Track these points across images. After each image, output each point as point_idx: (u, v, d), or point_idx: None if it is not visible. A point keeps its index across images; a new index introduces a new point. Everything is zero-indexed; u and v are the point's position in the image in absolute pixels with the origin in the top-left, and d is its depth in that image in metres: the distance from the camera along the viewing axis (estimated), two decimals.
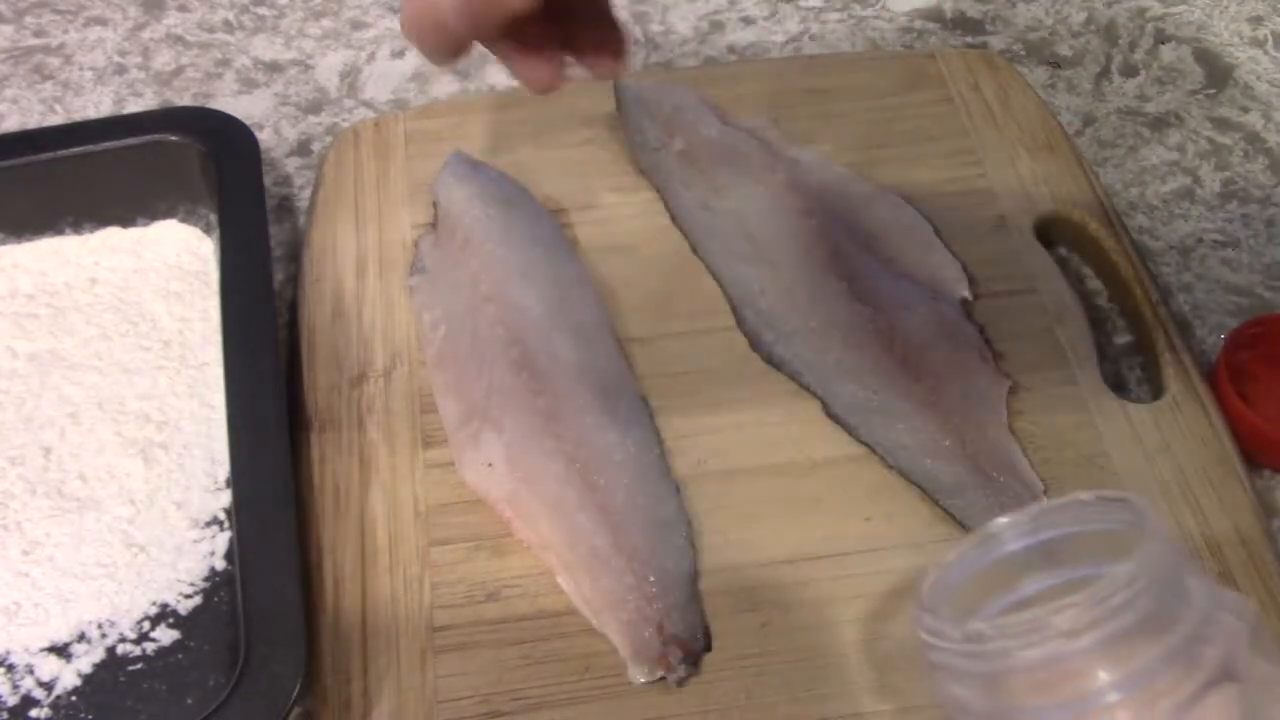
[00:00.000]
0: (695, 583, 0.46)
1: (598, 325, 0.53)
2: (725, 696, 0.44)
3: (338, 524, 0.48)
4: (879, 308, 0.52)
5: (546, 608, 0.46)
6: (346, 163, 0.59)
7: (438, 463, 0.50)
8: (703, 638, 0.45)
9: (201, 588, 0.47)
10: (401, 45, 0.68)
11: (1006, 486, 0.47)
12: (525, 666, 0.45)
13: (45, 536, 0.48)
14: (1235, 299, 0.57)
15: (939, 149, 0.59)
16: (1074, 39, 0.68)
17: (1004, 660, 0.26)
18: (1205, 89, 0.65)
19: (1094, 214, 0.56)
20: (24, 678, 0.45)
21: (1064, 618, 0.25)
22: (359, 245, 0.56)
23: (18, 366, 0.53)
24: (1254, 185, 0.61)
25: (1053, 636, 0.25)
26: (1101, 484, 0.48)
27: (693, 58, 0.67)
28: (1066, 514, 0.27)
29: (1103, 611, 0.25)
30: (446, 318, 0.53)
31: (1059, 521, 0.27)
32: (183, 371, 0.53)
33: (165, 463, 0.50)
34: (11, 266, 0.56)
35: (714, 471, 0.49)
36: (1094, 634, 0.25)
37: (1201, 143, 0.63)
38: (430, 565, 0.47)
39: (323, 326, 0.54)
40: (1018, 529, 0.31)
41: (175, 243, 0.57)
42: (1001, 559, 0.28)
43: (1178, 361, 0.52)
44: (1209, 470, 0.49)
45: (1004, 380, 0.51)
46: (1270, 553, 0.47)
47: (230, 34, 0.69)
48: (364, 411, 0.51)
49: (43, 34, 0.69)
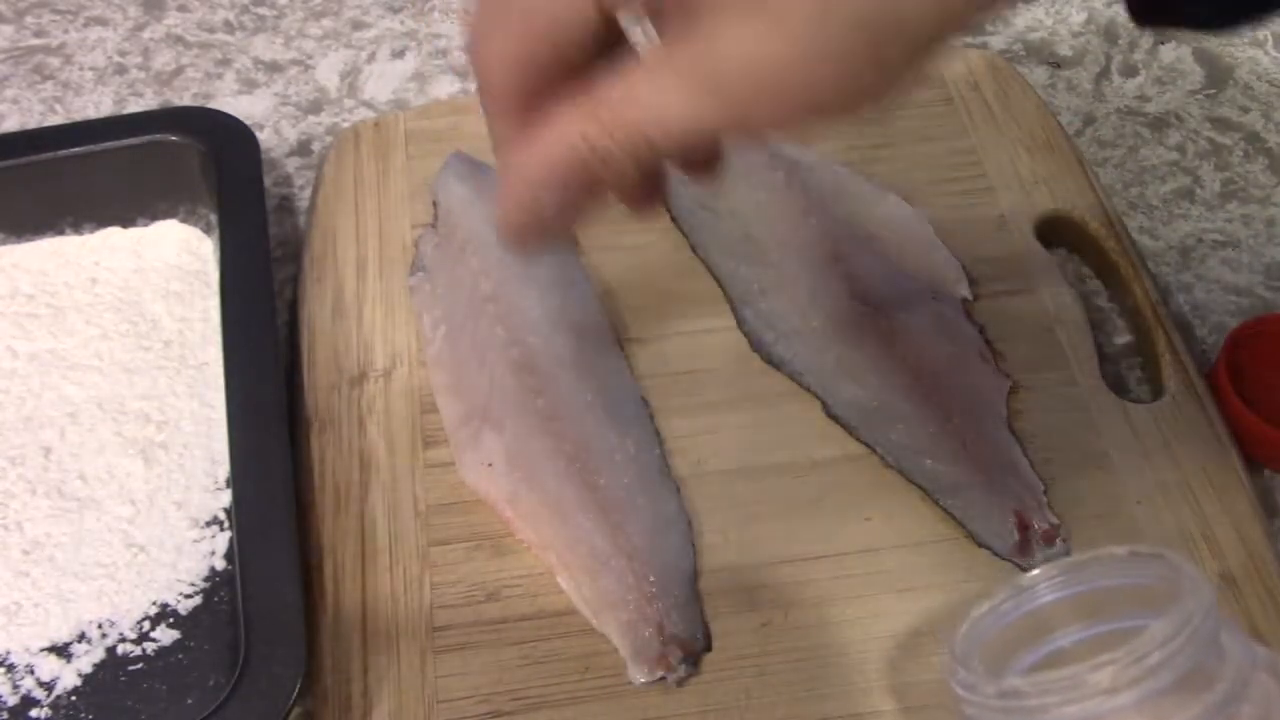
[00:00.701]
0: (695, 583, 0.46)
1: (598, 325, 0.53)
2: (725, 696, 0.44)
3: (338, 524, 0.48)
4: (879, 308, 0.52)
5: (546, 608, 0.46)
6: (346, 163, 0.59)
7: (438, 463, 0.50)
8: (703, 638, 0.45)
9: (201, 588, 0.47)
10: (401, 45, 0.68)
11: (1006, 486, 0.47)
12: (525, 666, 0.45)
13: (45, 536, 0.48)
14: (1235, 299, 0.57)
15: (939, 149, 0.59)
16: (1074, 39, 0.68)
17: (1041, 717, 0.26)
18: (1205, 89, 0.65)
19: (1094, 214, 0.56)
20: (24, 678, 0.45)
21: (1103, 675, 0.25)
22: (359, 245, 0.56)
23: (18, 366, 0.53)
24: (1254, 185, 0.61)
25: (1091, 694, 0.25)
26: (1101, 484, 0.48)
27: None
28: (1101, 568, 0.27)
29: (1141, 670, 0.25)
30: (446, 318, 0.53)
31: (1093, 575, 0.27)
32: (183, 371, 0.53)
33: (165, 463, 0.50)
34: (11, 266, 0.56)
35: (714, 471, 0.49)
36: (1132, 692, 0.25)
37: (1201, 143, 0.63)
38: (430, 565, 0.47)
39: (323, 326, 0.54)
40: (1051, 582, 0.31)
41: (175, 243, 0.57)
42: (1034, 611, 0.28)
43: (1178, 361, 0.52)
44: (1209, 470, 0.49)
45: (1004, 380, 0.51)
46: (1270, 553, 0.47)
47: (230, 34, 0.69)
48: (364, 411, 0.51)
49: (43, 34, 0.69)
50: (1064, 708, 0.25)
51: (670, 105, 0.30)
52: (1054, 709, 0.25)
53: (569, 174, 0.31)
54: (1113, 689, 0.24)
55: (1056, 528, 0.46)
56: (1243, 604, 0.45)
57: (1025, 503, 0.47)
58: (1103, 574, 0.27)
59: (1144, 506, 0.48)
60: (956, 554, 0.47)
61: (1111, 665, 0.25)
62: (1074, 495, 0.48)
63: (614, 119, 0.30)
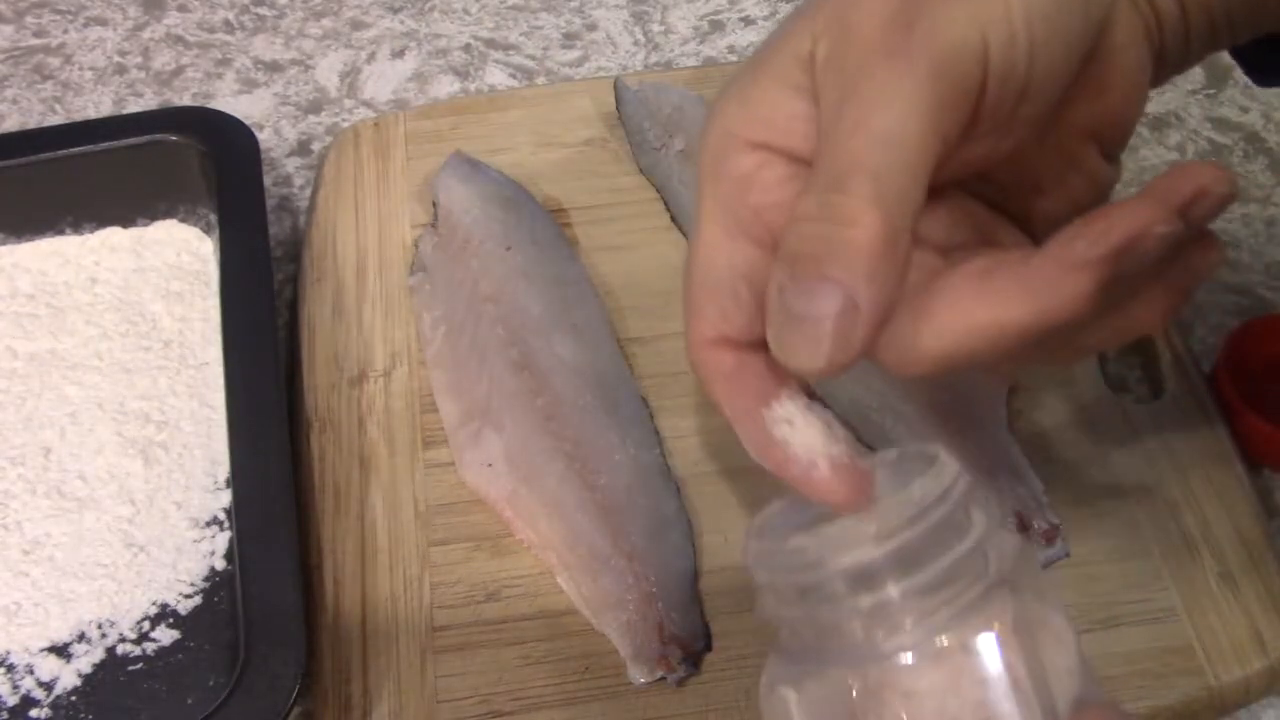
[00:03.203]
0: (695, 583, 0.46)
1: (598, 325, 0.53)
2: (725, 696, 0.44)
3: (338, 524, 0.48)
4: None
5: (546, 608, 0.46)
6: (346, 163, 0.59)
7: (438, 463, 0.50)
8: (703, 638, 0.45)
9: (201, 588, 0.47)
10: (401, 45, 0.68)
11: (1006, 486, 0.47)
12: (525, 666, 0.45)
13: (45, 536, 0.48)
14: (1235, 299, 0.57)
15: None
16: None
17: (820, 570, 0.29)
18: (1205, 89, 0.65)
19: None
20: (24, 678, 0.45)
21: (869, 526, 0.28)
22: (359, 245, 0.56)
23: (18, 366, 0.53)
24: (1254, 185, 0.61)
25: (861, 542, 0.28)
26: (1101, 484, 0.48)
27: (693, 58, 0.67)
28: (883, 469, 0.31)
29: (900, 521, 0.28)
30: (446, 318, 0.53)
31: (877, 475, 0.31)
32: (183, 371, 0.53)
33: (165, 463, 0.50)
34: (11, 266, 0.56)
35: (714, 471, 0.49)
36: (893, 541, 0.28)
37: (1201, 143, 0.63)
38: (430, 565, 0.47)
39: (323, 326, 0.54)
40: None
41: (175, 243, 0.57)
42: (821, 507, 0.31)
43: (1178, 361, 0.52)
44: (1209, 470, 0.49)
45: (1004, 380, 0.51)
46: (1270, 553, 0.47)
47: (230, 34, 0.69)
48: (364, 411, 0.51)
49: (43, 34, 0.69)
50: (838, 557, 0.28)
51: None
52: (829, 561, 0.28)
53: None
54: (878, 536, 0.28)
55: (1056, 528, 0.46)
56: (1243, 604, 0.45)
57: (1025, 503, 0.47)
58: (882, 476, 0.30)
59: (1144, 506, 0.48)
60: None
61: (878, 519, 0.28)
62: (1074, 495, 0.48)
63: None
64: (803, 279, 0.28)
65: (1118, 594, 0.46)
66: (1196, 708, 0.44)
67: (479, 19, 0.69)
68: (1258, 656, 0.44)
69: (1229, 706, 0.45)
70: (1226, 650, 0.45)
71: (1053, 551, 0.46)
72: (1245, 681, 0.44)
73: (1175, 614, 0.45)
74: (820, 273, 0.28)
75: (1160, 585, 0.46)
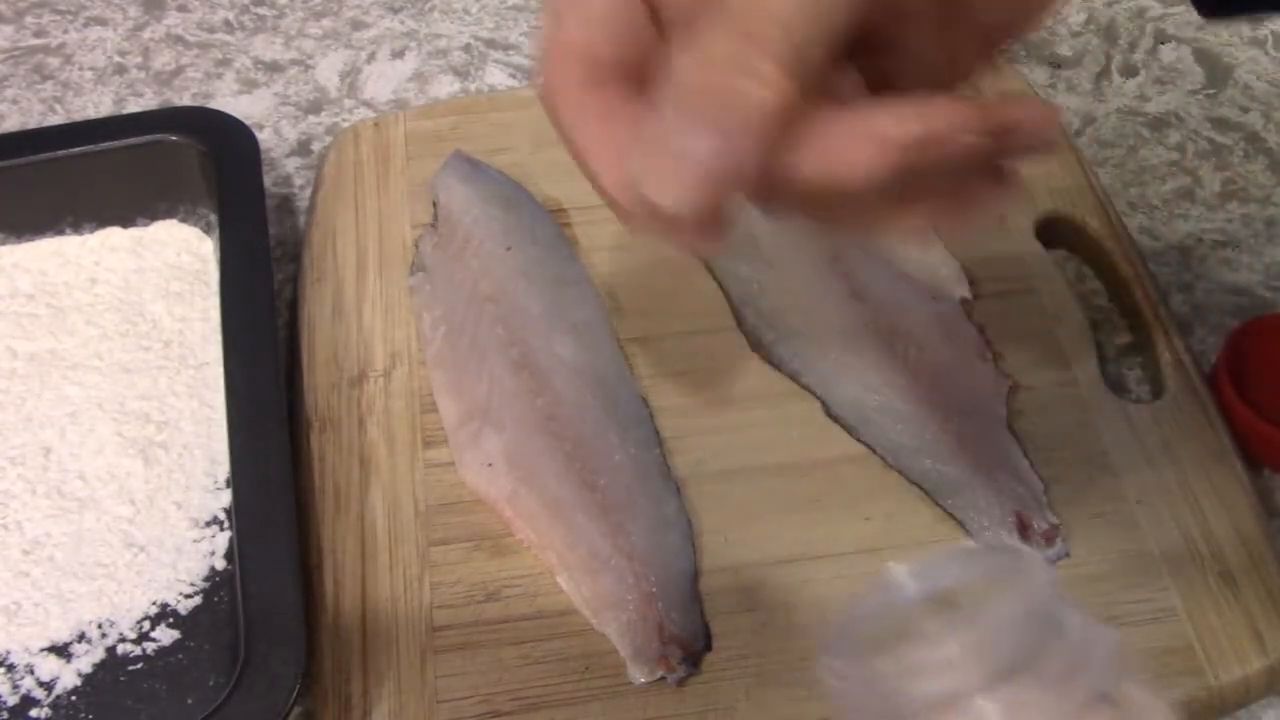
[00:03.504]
0: (695, 583, 0.46)
1: (598, 325, 0.53)
2: (725, 696, 0.44)
3: (338, 524, 0.48)
4: (879, 308, 0.52)
5: (546, 608, 0.46)
6: (346, 163, 0.59)
7: (438, 463, 0.50)
8: (703, 638, 0.45)
9: (201, 588, 0.47)
10: (401, 45, 0.68)
11: (1006, 486, 0.47)
12: (525, 666, 0.45)
13: (45, 536, 0.48)
14: (1235, 299, 0.57)
15: None
16: (1074, 39, 0.68)
17: (901, 697, 0.27)
18: (1205, 89, 0.65)
19: (1094, 214, 0.56)
20: (24, 678, 0.45)
21: (950, 652, 0.27)
22: (359, 245, 0.56)
23: (18, 366, 0.53)
24: (1254, 185, 0.61)
25: (942, 669, 0.27)
26: (1101, 484, 0.48)
27: None
28: (958, 561, 0.29)
29: (983, 645, 0.27)
30: (446, 318, 0.53)
31: (949, 570, 0.29)
32: (183, 371, 0.53)
33: (165, 463, 0.50)
34: (11, 266, 0.56)
35: (714, 471, 0.49)
36: (978, 668, 0.26)
37: (1201, 143, 0.63)
38: (430, 565, 0.47)
39: (323, 326, 0.54)
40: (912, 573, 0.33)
41: (175, 243, 0.57)
42: (902, 605, 0.29)
43: (1178, 361, 0.52)
44: (1209, 470, 0.49)
45: (1004, 380, 0.51)
46: (1270, 553, 0.47)
47: (230, 34, 0.69)
48: (364, 411, 0.51)
49: (43, 34, 0.69)
50: (921, 686, 0.27)
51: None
52: (911, 688, 0.27)
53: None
54: (960, 663, 0.26)
55: (1056, 528, 0.46)
56: (1243, 604, 0.45)
57: (1025, 503, 0.47)
58: (961, 567, 0.29)
59: (1144, 506, 0.48)
60: None
61: (959, 644, 0.27)
62: (1074, 495, 0.48)
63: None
64: (695, 120, 0.27)
65: (1118, 594, 0.46)
66: (1196, 708, 0.44)
67: (479, 19, 0.69)
68: (1258, 656, 0.44)
69: (1229, 706, 0.45)
70: (1226, 650, 0.45)
71: (1053, 551, 0.46)
72: (1245, 681, 0.44)
73: (1175, 614, 0.45)
74: (714, 120, 0.27)
75: (1160, 585, 0.46)
